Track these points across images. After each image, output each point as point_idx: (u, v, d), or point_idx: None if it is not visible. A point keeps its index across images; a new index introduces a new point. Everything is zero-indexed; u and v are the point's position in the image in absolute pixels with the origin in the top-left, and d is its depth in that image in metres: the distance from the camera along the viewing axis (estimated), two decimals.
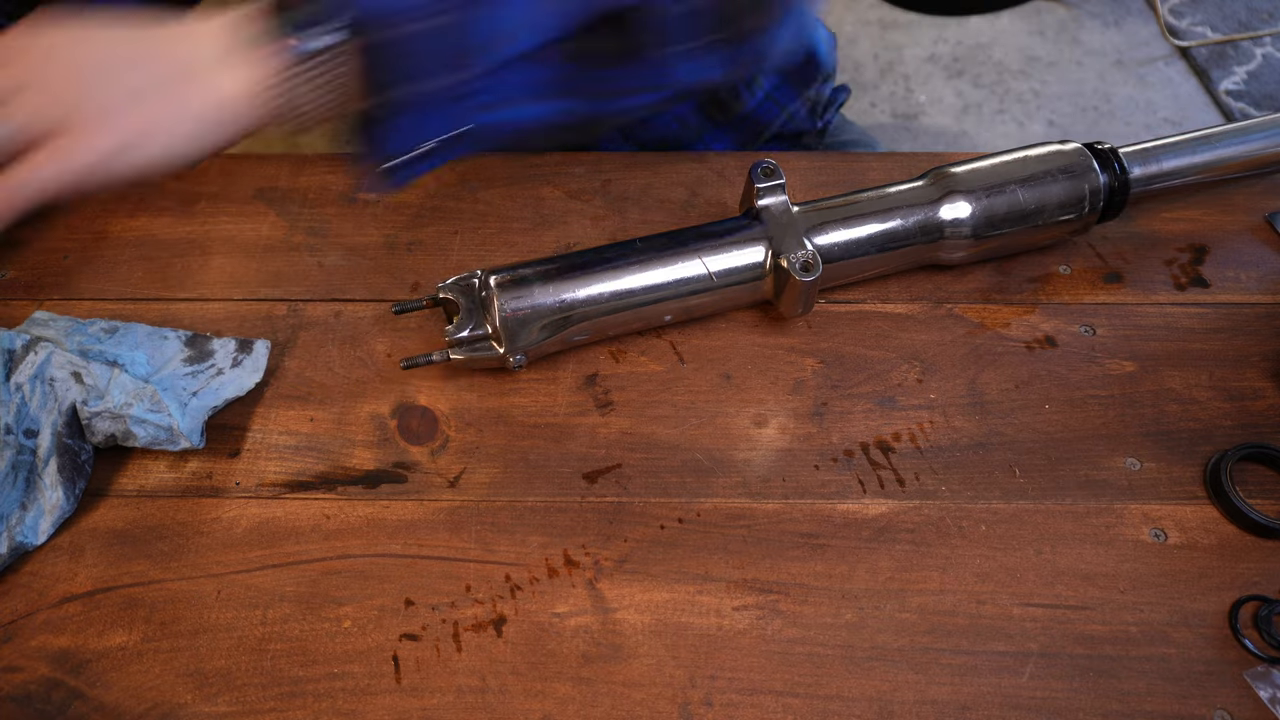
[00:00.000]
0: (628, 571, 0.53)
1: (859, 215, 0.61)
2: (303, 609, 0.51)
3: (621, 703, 0.48)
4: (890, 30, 2.04)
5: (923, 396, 0.60)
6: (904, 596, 0.52)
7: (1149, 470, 0.56)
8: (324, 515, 0.55)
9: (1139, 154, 0.63)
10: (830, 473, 0.56)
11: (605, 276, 0.58)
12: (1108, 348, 0.62)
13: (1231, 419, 0.58)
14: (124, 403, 0.54)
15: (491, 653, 0.50)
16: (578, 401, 0.60)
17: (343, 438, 0.58)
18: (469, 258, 0.67)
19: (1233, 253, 0.67)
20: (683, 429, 0.58)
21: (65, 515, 0.54)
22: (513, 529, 0.54)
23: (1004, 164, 0.62)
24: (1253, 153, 0.64)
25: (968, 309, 0.64)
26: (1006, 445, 0.57)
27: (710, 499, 0.55)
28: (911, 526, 0.54)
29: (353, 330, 0.63)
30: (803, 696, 0.48)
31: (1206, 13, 2.02)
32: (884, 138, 1.83)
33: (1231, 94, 1.85)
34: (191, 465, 0.57)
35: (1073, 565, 0.53)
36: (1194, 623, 0.51)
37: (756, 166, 0.60)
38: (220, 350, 0.60)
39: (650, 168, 0.73)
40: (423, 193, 0.71)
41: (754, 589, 0.52)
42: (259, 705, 0.48)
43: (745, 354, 0.62)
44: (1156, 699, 0.48)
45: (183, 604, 0.51)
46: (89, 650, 0.50)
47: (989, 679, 0.49)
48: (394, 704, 0.48)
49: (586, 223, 0.69)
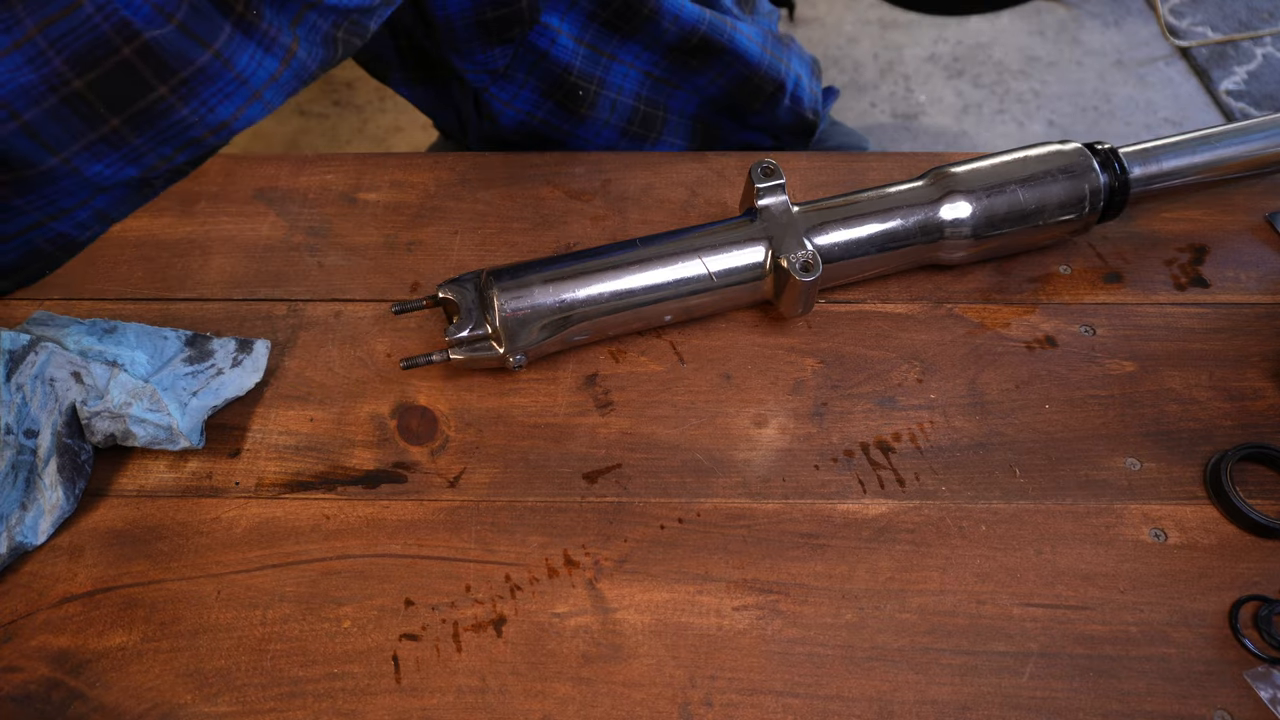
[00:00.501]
0: (628, 571, 0.53)
1: (859, 215, 0.61)
2: (303, 609, 0.51)
3: (621, 703, 0.48)
4: (890, 30, 2.04)
5: (923, 396, 0.60)
6: (904, 596, 0.52)
7: (1149, 470, 0.56)
8: (324, 515, 0.55)
9: (1139, 154, 0.63)
10: (830, 473, 0.56)
11: (605, 276, 0.58)
12: (1108, 348, 0.62)
13: (1231, 419, 0.58)
14: (124, 402, 0.54)
15: (491, 653, 0.50)
16: (578, 401, 0.60)
17: (343, 438, 0.58)
18: (469, 258, 0.67)
19: (1233, 253, 0.67)
20: (683, 429, 0.58)
21: (65, 515, 0.54)
22: (513, 529, 0.54)
23: (1004, 164, 0.62)
24: (1253, 153, 0.64)
25: (968, 309, 0.64)
26: (1006, 445, 0.57)
27: (710, 499, 0.55)
28: (911, 526, 0.54)
29: (353, 330, 0.63)
30: (803, 696, 0.48)
31: (1206, 13, 2.02)
32: (884, 138, 1.83)
33: (1231, 94, 1.85)
34: (191, 465, 0.57)
35: (1073, 565, 0.53)
36: (1194, 623, 0.51)
37: (756, 166, 0.60)
38: (220, 350, 0.60)
39: (650, 168, 0.73)
40: (422, 193, 0.71)
41: (754, 589, 0.52)
42: (259, 705, 0.48)
43: (745, 354, 0.62)
44: (1156, 699, 0.48)
45: (183, 604, 0.51)
46: (89, 650, 0.50)
47: (989, 679, 0.49)
48: (394, 704, 0.48)
49: (586, 223, 0.69)
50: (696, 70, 0.76)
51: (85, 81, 0.43)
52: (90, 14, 0.42)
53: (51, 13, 0.42)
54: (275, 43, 0.46)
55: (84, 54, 0.42)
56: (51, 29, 0.42)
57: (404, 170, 0.73)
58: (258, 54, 0.45)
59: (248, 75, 0.46)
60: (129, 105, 0.44)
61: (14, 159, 0.43)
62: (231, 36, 0.44)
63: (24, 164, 0.44)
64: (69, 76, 0.43)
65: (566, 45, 0.72)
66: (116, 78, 0.43)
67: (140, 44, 0.43)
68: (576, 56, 0.73)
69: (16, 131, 0.43)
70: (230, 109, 0.46)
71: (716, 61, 0.76)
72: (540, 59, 0.72)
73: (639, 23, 0.71)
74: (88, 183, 0.46)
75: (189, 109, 0.45)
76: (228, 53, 0.44)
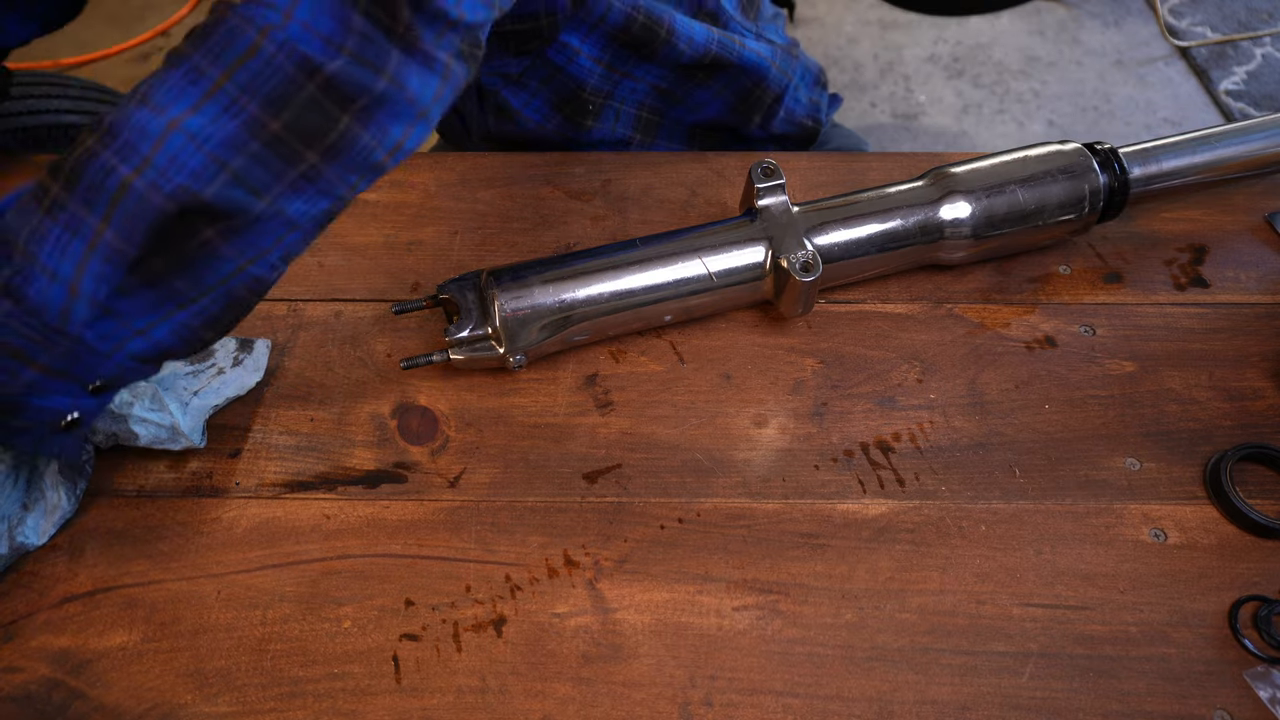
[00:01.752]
0: (628, 571, 0.53)
1: (859, 215, 0.61)
2: (303, 609, 0.51)
3: (621, 703, 0.48)
4: (890, 30, 2.04)
5: (923, 396, 0.60)
6: (904, 596, 0.52)
7: (1149, 470, 0.56)
8: (324, 515, 0.55)
9: (1139, 154, 0.63)
10: (830, 473, 0.56)
11: (605, 276, 0.58)
12: (1108, 348, 0.62)
13: (1231, 419, 0.58)
14: (125, 402, 0.54)
15: (491, 653, 0.50)
16: (578, 401, 0.60)
17: (343, 438, 0.58)
18: (469, 258, 0.67)
19: (1233, 253, 0.67)
20: (683, 429, 0.58)
21: (66, 516, 0.54)
22: (513, 529, 0.54)
23: (1004, 164, 0.62)
24: (1253, 153, 0.64)
25: (968, 309, 0.64)
26: (1006, 445, 0.57)
27: (710, 499, 0.55)
28: (911, 526, 0.54)
29: (353, 330, 0.63)
30: (803, 696, 0.48)
31: (1206, 13, 2.02)
32: (884, 138, 1.83)
33: (1231, 94, 1.85)
34: (192, 465, 0.57)
35: (1073, 565, 0.53)
36: (1194, 623, 0.51)
37: (756, 166, 0.60)
38: (221, 349, 0.60)
39: (650, 168, 0.73)
40: (423, 193, 0.71)
41: (754, 589, 0.52)
42: (259, 705, 0.48)
43: (745, 354, 0.62)
44: (1156, 699, 0.48)
45: (183, 604, 0.51)
46: (89, 650, 0.50)
47: (989, 679, 0.49)
48: (394, 704, 0.48)
49: (586, 223, 0.69)
50: (702, 84, 0.77)
51: (282, 122, 0.44)
52: (272, 54, 0.43)
53: (233, 59, 0.43)
54: (435, 60, 0.47)
55: (275, 96, 0.43)
56: (239, 75, 0.43)
57: (404, 170, 0.73)
58: (422, 73, 0.47)
59: (416, 95, 0.47)
60: (322, 139, 0.45)
61: (227, 209, 0.44)
62: (400, 61, 0.46)
63: (236, 212, 0.45)
64: (265, 120, 0.44)
65: (584, 64, 0.73)
66: (308, 114, 0.44)
67: (322, 79, 0.44)
68: (592, 75, 0.74)
69: (229, 182, 0.44)
70: (401, 130, 0.48)
71: (723, 75, 0.76)
72: (555, 73, 0.73)
73: (656, 46, 0.72)
74: (289, 222, 0.47)
75: (369, 134, 0.47)
76: (400, 76, 0.46)
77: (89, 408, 0.48)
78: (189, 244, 0.45)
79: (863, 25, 2.06)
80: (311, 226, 0.49)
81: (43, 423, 0.47)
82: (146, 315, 0.46)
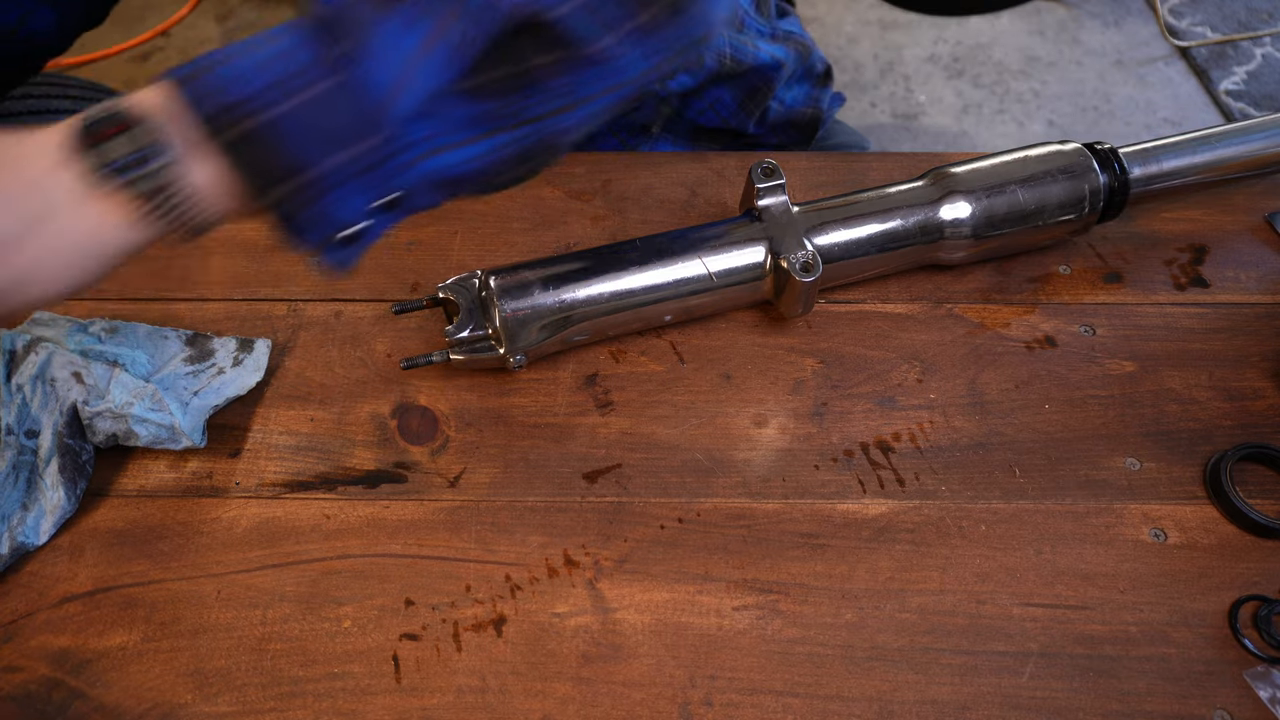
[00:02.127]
0: (628, 571, 0.53)
1: (859, 215, 0.61)
2: (303, 609, 0.51)
3: (621, 703, 0.48)
4: (890, 30, 2.04)
5: (923, 396, 0.60)
6: (904, 596, 0.52)
7: (1149, 470, 0.56)
8: (324, 515, 0.55)
9: (1139, 154, 0.63)
10: (830, 473, 0.56)
11: (605, 276, 0.58)
12: (1108, 348, 0.62)
13: (1231, 419, 0.58)
14: (125, 402, 0.54)
15: (491, 653, 0.50)
16: (578, 401, 0.60)
17: (343, 438, 0.58)
18: (469, 258, 0.67)
19: (1233, 253, 0.67)
20: (683, 429, 0.58)
21: (66, 515, 0.54)
22: (513, 529, 0.54)
23: (1004, 164, 0.62)
24: (1253, 153, 0.64)
25: (968, 309, 0.64)
26: (1006, 445, 0.57)
27: (710, 499, 0.55)
28: (911, 526, 0.54)
29: (353, 330, 0.63)
30: (803, 696, 0.48)
31: (1206, 13, 2.02)
32: (884, 138, 1.83)
33: (1231, 94, 1.85)
34: (192, 465, 0.57)
35: (1073, 565, 0.53)
36: (1194, 623, 0.51)
37: (756, 166, 0.60)
38: (221, 349, 0.60)
39: (650, 168, 0.73)
40: None
41: (754, 589, 0.52)
42: (259, 705, 0.48)
43: (745, 354, 0.62)
44: (1156, 699, 0.48)
45: (183, 604, 0.51)
46: (89, 650, 0.50)
47: (989, 679, 0.49)
48: (394, 704, 0.48)
49: (586, 223, 0.69)
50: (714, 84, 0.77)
51: None
52: None
53: None
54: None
55: None
56: None
57: None
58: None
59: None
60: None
61: (571, 38, 0.43)
62: None
63: (578, 43, 0.44)
64: None
65: None
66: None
67: None
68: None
69: (580, 8, 0.43)
70: (716, 15, 0.48)
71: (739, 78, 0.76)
72: None
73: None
74: (613, 70, 0.46)
75: (699, 6, 0.46)
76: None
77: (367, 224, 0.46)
78: (520, 66, 0.44)
79: (863, 25, 2.06)
80: (611, 101, 0.48)
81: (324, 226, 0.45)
82: (461, 130, 0.45)
